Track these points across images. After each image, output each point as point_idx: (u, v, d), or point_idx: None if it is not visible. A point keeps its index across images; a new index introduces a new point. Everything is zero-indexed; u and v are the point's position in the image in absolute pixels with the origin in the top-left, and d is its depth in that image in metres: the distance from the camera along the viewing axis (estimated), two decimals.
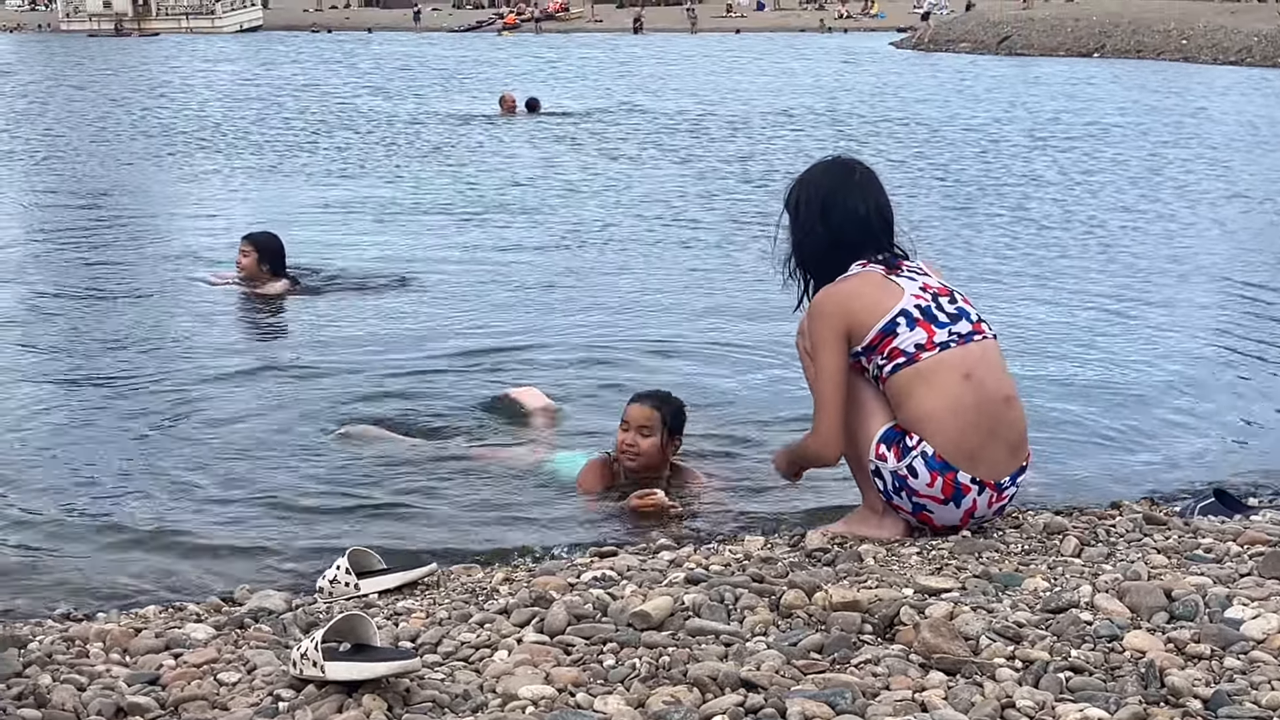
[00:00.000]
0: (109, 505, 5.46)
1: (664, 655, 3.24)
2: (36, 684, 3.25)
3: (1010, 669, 3.13)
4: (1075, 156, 17.85)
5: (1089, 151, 18.40)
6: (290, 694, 3.13)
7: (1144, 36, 39.30)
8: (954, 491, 4.21)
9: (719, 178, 16.20)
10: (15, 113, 25.64)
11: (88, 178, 16.95)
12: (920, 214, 12.47)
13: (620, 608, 3.56)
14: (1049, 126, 21.81)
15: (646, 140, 20.41)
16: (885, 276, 4.30)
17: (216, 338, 8.34)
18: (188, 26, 66.75)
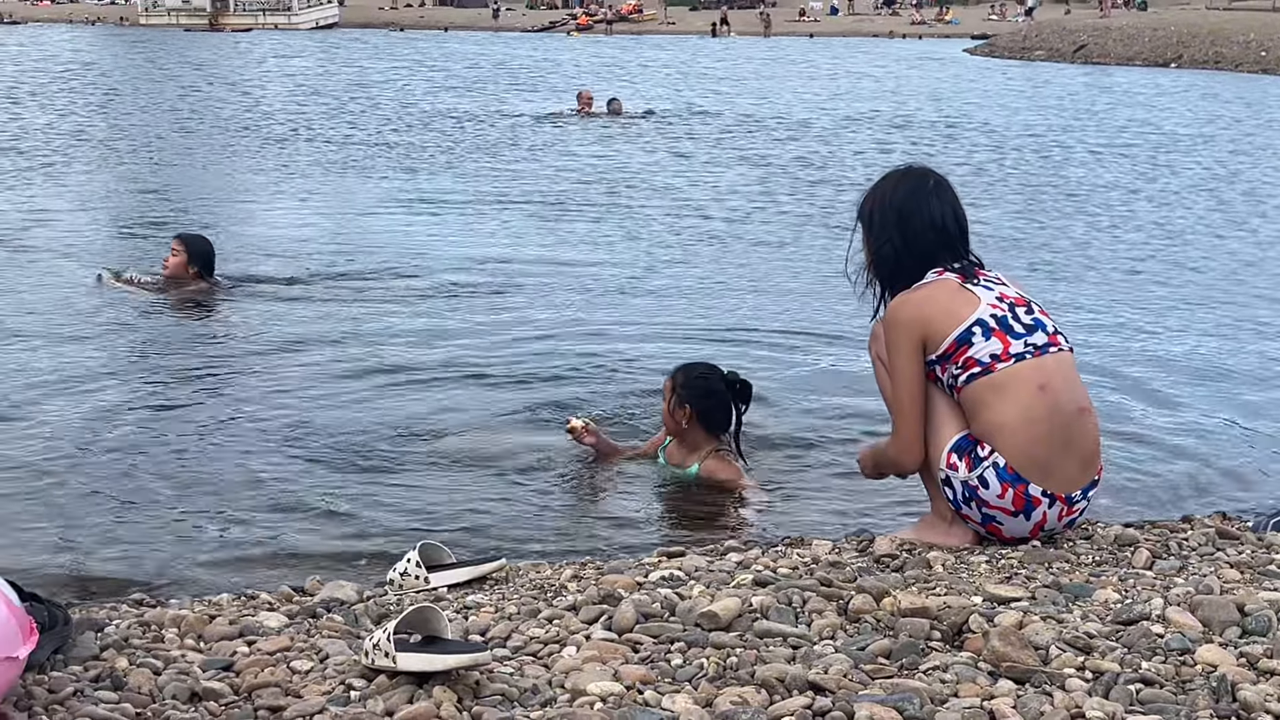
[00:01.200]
0: (182, 497, 5.51)
1: (731, 656, 3.24)
2: (114, 667, 3.29)
3: (1080, 679, 3.11)
4: (1139, 164, 17.67)
5: (1152, 159, 18.23)
6: (362, 683, 3.16)
7: (1222, 47, 38.89)
8: (1025, 504, 4.19)
9: (810, 182, 16.14)
10: (95, 104, 25.88)
11: (164, 168, 17.12)
12: (996, 221, 12.38)
13: (688, 608, 3.56)
14: (1115, 134, 21.65)
15: (719, 140, 20.38)
16: (961, 285, 4.28)
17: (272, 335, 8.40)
18: (265, 22, 67.22)
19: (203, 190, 15.76)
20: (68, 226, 12.43)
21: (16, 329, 8.24)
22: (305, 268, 10.50)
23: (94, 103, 26.41)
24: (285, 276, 10.12)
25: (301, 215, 13.87)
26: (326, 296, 9.45)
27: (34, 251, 10.71)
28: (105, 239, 11.73)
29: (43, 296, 9.13)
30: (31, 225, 12.30)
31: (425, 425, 6.43)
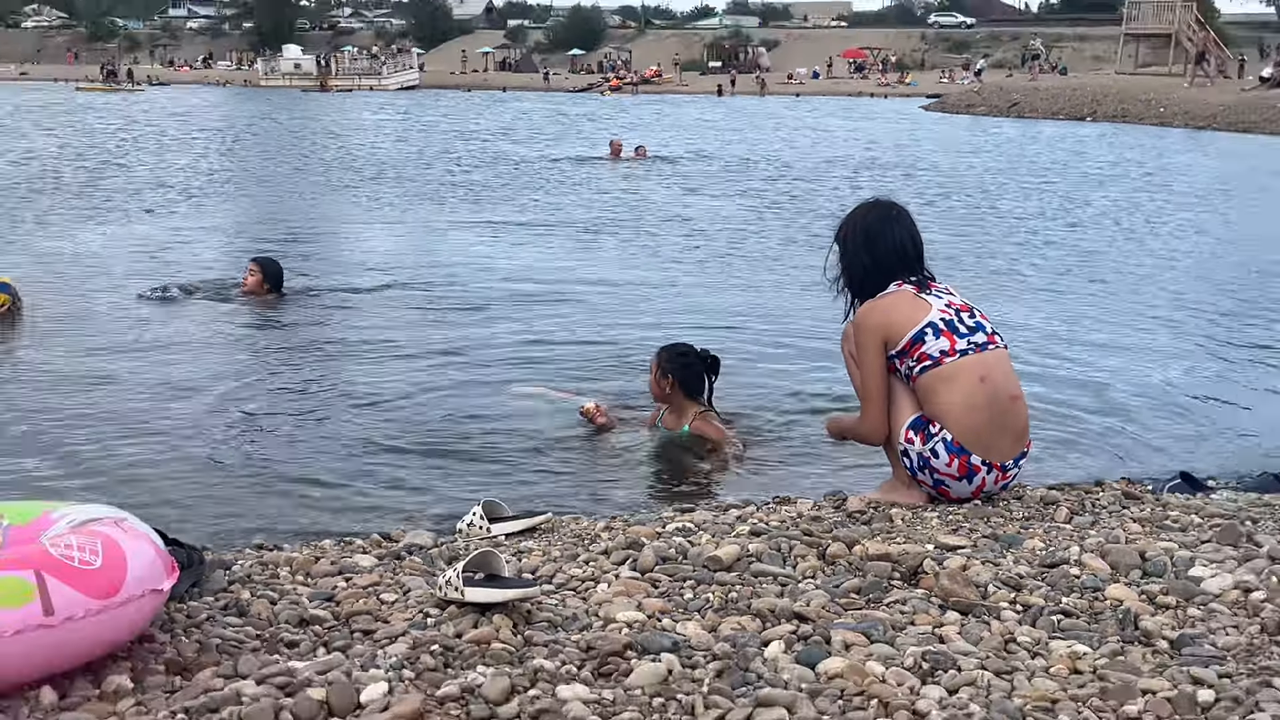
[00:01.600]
0: (290, 464, 5.55)
1: (732, 591, 3.29)
2: (239, 598, 3.32)
3: (1012, 611, 3.14)
4: (1062, 200, 17.64)
5: (1073, 195, 18.19)
6: (436, 612, 3.18)
7: (1128, 105, 38.84)
8: (968, 471, 4.22)
9: (795, 211, 16.16)
10: (225, 149, 26.00)
11: (279, 199, 17.21)
12: (945, 242, 12.36)
13: (697, 553, 3.59)
14: (1044, 174, 21.62)
15: (722, 178, 20.39)
16: (916, 295, 4.31)
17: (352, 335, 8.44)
18: (361, 84, 67.41)
19: (309, 217, 15.84)
20: (204, 246, 12.50)
21: (161, 331, 8.30)
22: (391, 279, 10.51)
23: (223, 148, 26.55)
24: (361, 287, 10.14)
25: (386, 238, 13.93)
26: (403, 303, 9.49)
27: (176, 266, 10.75)
28: (232, 257, 11.74)
29: (180, 307, 9.17)
30: (173, 245, 12.37)
31: (481, 408, 6.44)
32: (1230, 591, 3.22)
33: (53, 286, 9.34)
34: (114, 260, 11.16)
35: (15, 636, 2.64)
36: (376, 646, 2.96)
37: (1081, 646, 2.88)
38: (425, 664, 2.84)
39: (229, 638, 3.04)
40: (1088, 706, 2.58)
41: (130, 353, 7.58)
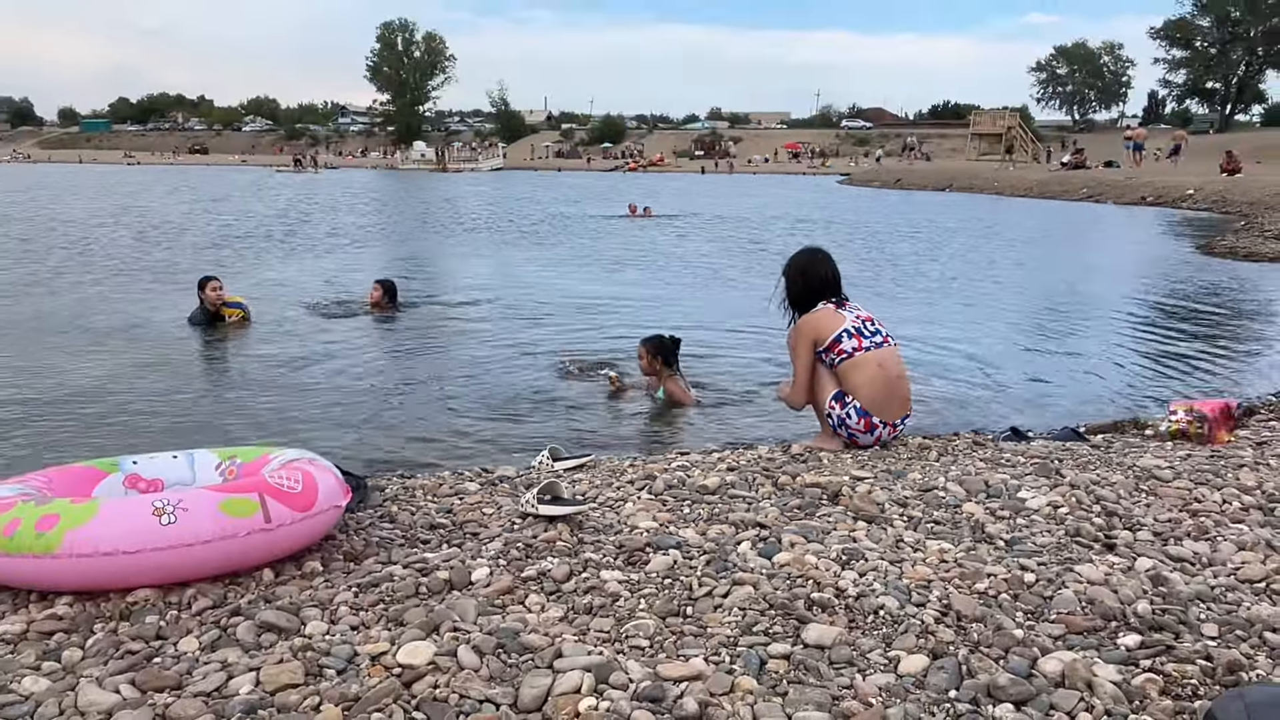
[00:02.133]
0: (418, 421, 5.56)
1: (716, 508, 3.28)
2: (389, 511, 3.33)
3: (901, 521, 3.13)
4: (930, 243, 17.53)
5: (937, 240, 18.06)
6: (520, 521, 3.18)
7: (974, 180, 38.49)
8: (871, 427, 4.20)
9: (744, 251, 16.08)
10: (388, 212, 25.97)
11: (408, 245, 17.19)
12: (851, 273, 12.35)
13: (692, 482, 3.59)
14: (918, 226, 21.47)
15: (703, 228, 20.26)
16: (836, 310, 4.30)
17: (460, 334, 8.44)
18: (465, 167, 67.13)
19: (429, 257, 15.79)
20: (362, 274, 12.50)
21: (329, 334, 8.30)
22: (479, 296, 10.47)
23: (374, 210, 26.50)
24: (462, 301, 10.11)
25: (478, 268, 13.88)
26: (488, 312, 9.43)
27: (340, 288, 10.74)
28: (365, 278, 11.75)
29: (335, 318, 9.16)
30: (341, 274, 12.36)
31: (545, 384, 6.44)
32: (1045, 507, 3.21)
33: (268, 303, 9.34)
34: (306, 285, 11.16)
35: (247, 536, 2.66)
36: (481, 544, 2.97)
37: (947, 544, 2.88)
38: (513, 555, 2.85)
39: (384, 537, 3.06)
40: (951, 584, 2.59)
41: (312, 348, 7.59)
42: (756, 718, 1.96)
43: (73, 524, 2.54)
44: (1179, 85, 79.70)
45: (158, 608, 2.54)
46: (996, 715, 1.97)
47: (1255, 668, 2.15)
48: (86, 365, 6.79)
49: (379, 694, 2.04)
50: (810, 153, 78.28)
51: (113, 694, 2.10)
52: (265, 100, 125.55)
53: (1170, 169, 35.44)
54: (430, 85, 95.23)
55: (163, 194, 30.86)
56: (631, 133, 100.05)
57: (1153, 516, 3.13)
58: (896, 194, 36.72)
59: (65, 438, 5.05)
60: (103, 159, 79.72)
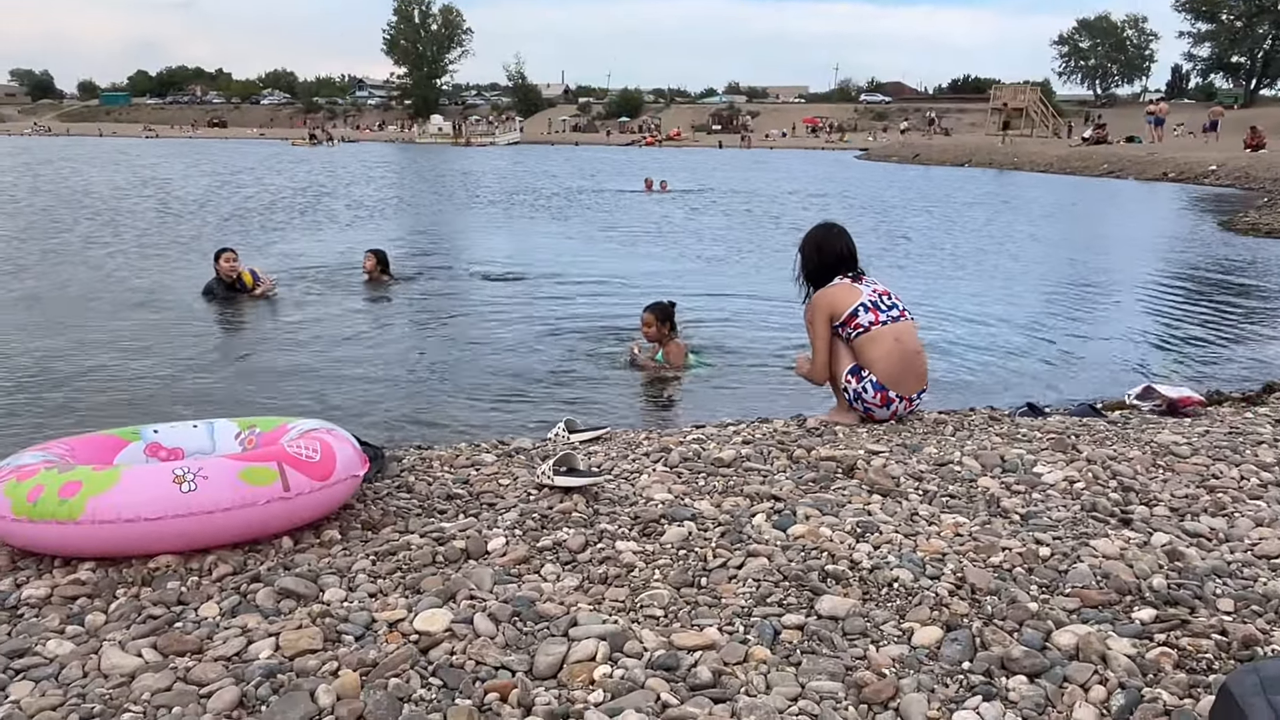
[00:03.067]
0: (436, 391, 5.58)
1: (730, 481, 3.28)
2: (407, 481, 3.34)
3: (916, 494, 3.12)
4: (946, 219, 17.38)
5: (954, 215, 17.90)
6: (535, 492, 3.19)
7: (993, 155, 38.06)
8: (887, 401, 4.18)
9: (758, 225, 16.00)
10: (392, 184, 25.96)
11: (426, 217, 17.19)
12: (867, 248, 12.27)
13: (707, 455, 3.59)
14: (936, 201, 21.30)
15: (719, 202, 20.16)
16: (852, 284, 4.26)
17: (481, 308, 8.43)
18: (483, 141, 66.80)
19: (446, 228, 15.80)
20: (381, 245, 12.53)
21: (338, 311, 8.32)
22: (495, 267, 10.51)
23: (392, 184, 26.48)
24: (479, 274, 10.07)
25: (495, 239, 13.88)
26: (503, 287, 9.40)
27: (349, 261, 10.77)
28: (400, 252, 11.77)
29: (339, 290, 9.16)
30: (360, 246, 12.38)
31: (559, 356, 6.45)
32: (1061, 482, 3.20)
33: (287, 275, 9.36)
34: (322, 257, 11.18)
35: (266, 505, 2.68)
36: (497, 514, 2.98)
37: (962, 518, 2.87)
38: (529, 525, 2.86)
39: (401, 507, 3.08)
40: (965, 557, 2.58)
41: (329, 320, 7.63)
42: (770, 686, 1.97)
43: (95, 491, 2.57)
44: (1203, 59, 78.47)
45: (179, 574, 2.57)
46: (1009, 687, 1.97)
47: (1271, 642, 2.14)
48: (111, 336, 6.84)
49: (396, 659, 2.06)
50: (828, 127, 77.60)
51: (135, 657, 2.13)
52: (283, 73, 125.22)
53: (1202, 145, 35.02)
54: (447, 58, 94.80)
55: (183, 168, 30.92)
56: (649, 106, 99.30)
57: (1170, 492, 3.11)
58: (915, 169, 36.40)
59: (87, 407, 5.10)
60: (122, 132, 79.88)
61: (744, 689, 1.95)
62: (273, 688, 1.98)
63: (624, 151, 55.07)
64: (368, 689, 1.95)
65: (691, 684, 1.97)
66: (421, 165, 37.20)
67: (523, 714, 1.88)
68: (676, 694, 1.93)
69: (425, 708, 1.90)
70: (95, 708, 1.93)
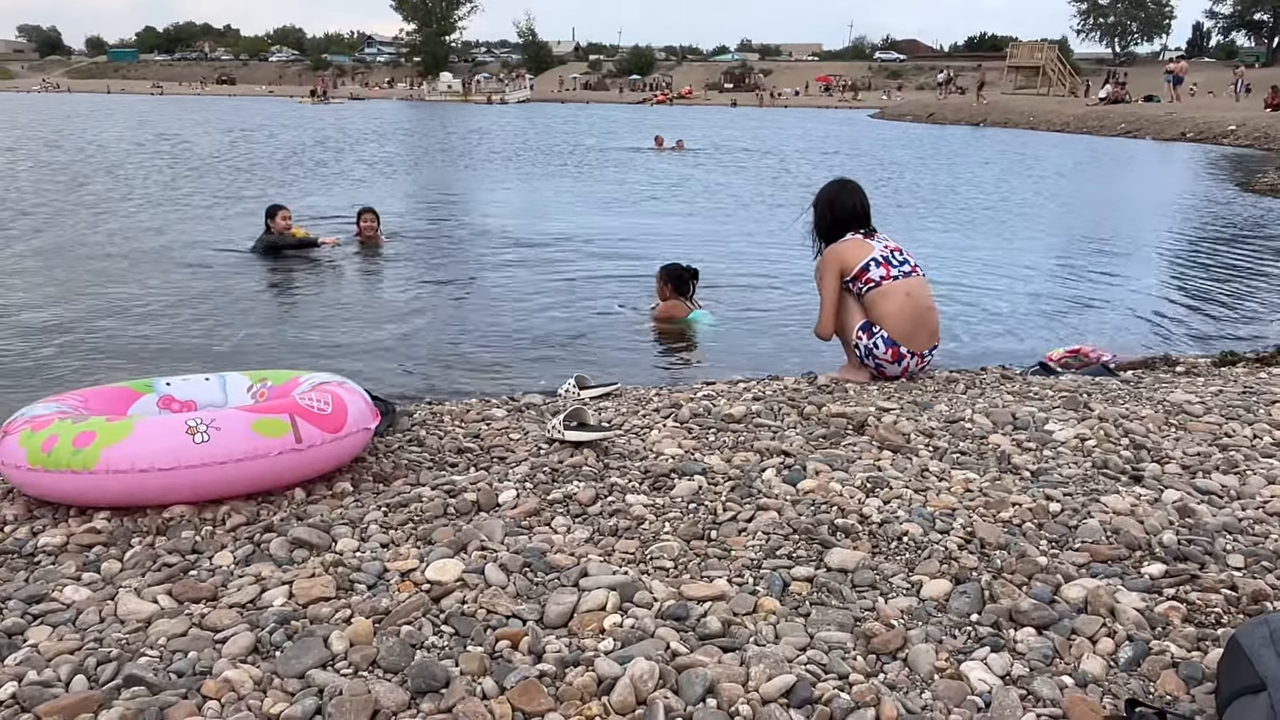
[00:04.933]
0: (448, 347, 5.60)
1: (741, 437, 3.28)
2: (418, 435, 3.35)
3: (927, 451, 3.11)
4: (961, 178, 17.19)
5: (968, 175, 17.72)
6: (546, 446, 3.19)
7: (1009, 115, 37.57)
8: (898, 357, 4.17)
9: (770, 181, 15.88)
10: (400, 140, 25.80)
11: (434, 173, 17.09)
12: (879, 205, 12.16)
13: (718, 411, 3.58)
14: (953, 157, 21.08)
15: (733, 161, 20.00)
16: (864, 240, 4.24)
17: None
18: (493, 99, 66.25)
19: (454, 185, 15.71)
20: (392, 201, 12.48)
21: (339, 268, 8.30)
22: (505, 226, 10.41)
23: (401, 140, 26.33)
24: (490, 231, 10.00)
25: (507, 200, 13.82)
26: (514, 245, 9.32)
27: None
28: (410, 208, 11.73)
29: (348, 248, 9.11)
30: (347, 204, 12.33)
31: (571, 315, 6.44)
32: (1072, 440, 3.18)
33: None
34: (336, 215, 11.15)
35: (279, 456, 2.69)
36: (508, 467, 2.99)
37: (972, 474, 2.86)
38: (539, 479, 2.87)
39: (413, 460, 3.09)
40: (975, 513, 2.58)
41: (342, 278, 7.63)
42: (779, 637, 1.98)
43: (109, 441, 2.59)
44: (1225, 16, 77.02)
45: (193, 524, 2.59)
46: (1017, 639, 1.98)
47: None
48: (130, 289, 6.86)
49: (408, 608, 2.07)
50: (842, 86, 76.65)
51: (151, 604, 2.15)
52: (291, 30, 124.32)
53: (1222, 104, 34.53)
54: (456, 15, 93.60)
55: (194, 125, 30.78)
56: (660, 64, 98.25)
57: (1181, 450, 3.10)
58: (927, 129, 36.00)
59: (104, 360, 5.13)
60: (130, 89, 79.52)
61: (753, 638, 1.97)
62: (286, 634, 2.00)
63: (635, 110, 54.59)
64: (380, 635, 1.97)
65: (701, 634, 1.99)
66: (431, 122, 36.97)
67: (534, 661, 1.89)
68: (686, 643, 1.95)
69: (437, 654, 1.92)
70: (112, 651, 1.95)
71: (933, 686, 1.81)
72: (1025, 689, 1.81)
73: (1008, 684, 1.83)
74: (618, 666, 1.83)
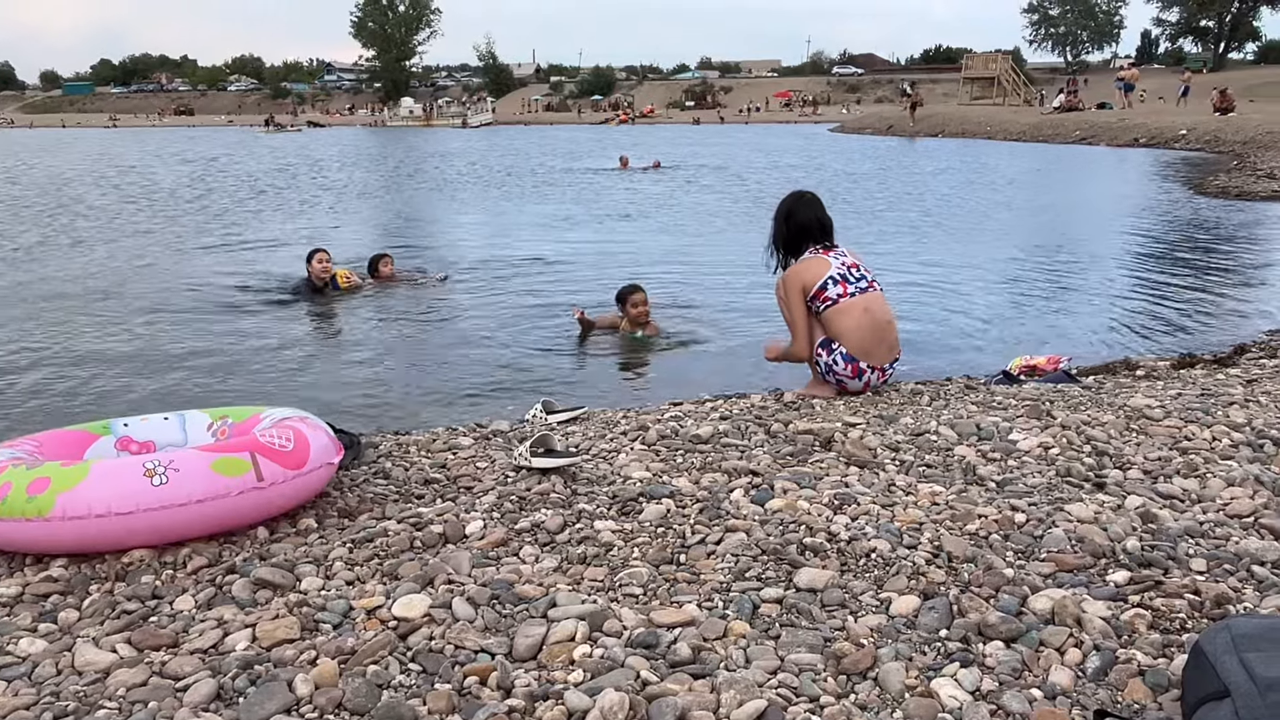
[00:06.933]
0: (414, 377, 5.55)
1: (708, 457, 3.27)
2: (383, 467, 3.32)
3: (893, 465, 3.12)
4: (920, 188, 17.38)
5: (926, 182, 17.92)
6: (513, 474, 3.17)
7: (966, 125, 38.10)
8: (859, 373, 4.19)
9: (733, 198, 15.96)
10: (363, 167, 25.67)
11: (396, 198, 17.01)
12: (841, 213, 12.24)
13: (686, 431, 3.58)
14: (910, 168, 21.31)
15: (695, 178, 20.10)
16: (822, 256, 4.27)
17: None
18: (454, 123, 66.15)
19: (415, 210, 15.67)
20: (355, 231, 12.41)
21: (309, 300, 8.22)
22: (469, 254, 10.35)
23: (361, 166, 26.21)
24: (455, 259, 9.93)
25: (471, 226, 13.76)
26: (478, 270, 9.31)
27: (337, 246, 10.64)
28: (358, 238, 11.65)
29: None
30: (310, 234, 12.23)
31: (537, 339, 6.42)
32: (1036, 449, 3.21)
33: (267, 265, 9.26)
34: (300, 247, 11.05)
35: (240, 495, 2.65)
36: (475, 497, 2.97)
37: (939, 487, 2.88)
38: (507, 508, 2.85)
39: (378, 493, 3.06)
40: (942, 526, 2.59)
41: (307, 309, 7.56)
42: (750, 660, 1.97)
43: (65, 486, 2.53)
44: (1172, 24, 78.79)
45: (153, 568, 2.54)
46: (986, 652, 1.98)
47: (1242, 600, 2.17)
48: (89, 330, 6.75)
49: (374, 646, 2.04)
50: (801, 101, 77.46)
51: (109, 653, 2.11)
52: (250, 59, 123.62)
53: (1172, 109, 35.29)
54: (416, 40, 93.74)
55: (164, 158, 30.43)
56: (621, 84, 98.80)
57: (1143, 455, 3.14)
58: (887, 141, 36.41)
59: (62, 402, 5.04)
60: (87, 123, 78.66)
61: (723, 664, 1.96)
62: (250, 679, 1.96)
63: (597, 130, 54.74)
64: (346, 677, 1.94)
65: (671, 660, 1.97)
66: (393, 146, 36.82)
67: (502, 696, 1.87)
68: (656, 671, 1.93)
69: (405, 693, 1.89)
70: (69, 705, 1.90)
71: (904, 705, 1.81)
72: (995, 704, 1.81)
73: (978, 699, 1.83)
74: (587, 699, 1.81)
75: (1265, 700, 1.53)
